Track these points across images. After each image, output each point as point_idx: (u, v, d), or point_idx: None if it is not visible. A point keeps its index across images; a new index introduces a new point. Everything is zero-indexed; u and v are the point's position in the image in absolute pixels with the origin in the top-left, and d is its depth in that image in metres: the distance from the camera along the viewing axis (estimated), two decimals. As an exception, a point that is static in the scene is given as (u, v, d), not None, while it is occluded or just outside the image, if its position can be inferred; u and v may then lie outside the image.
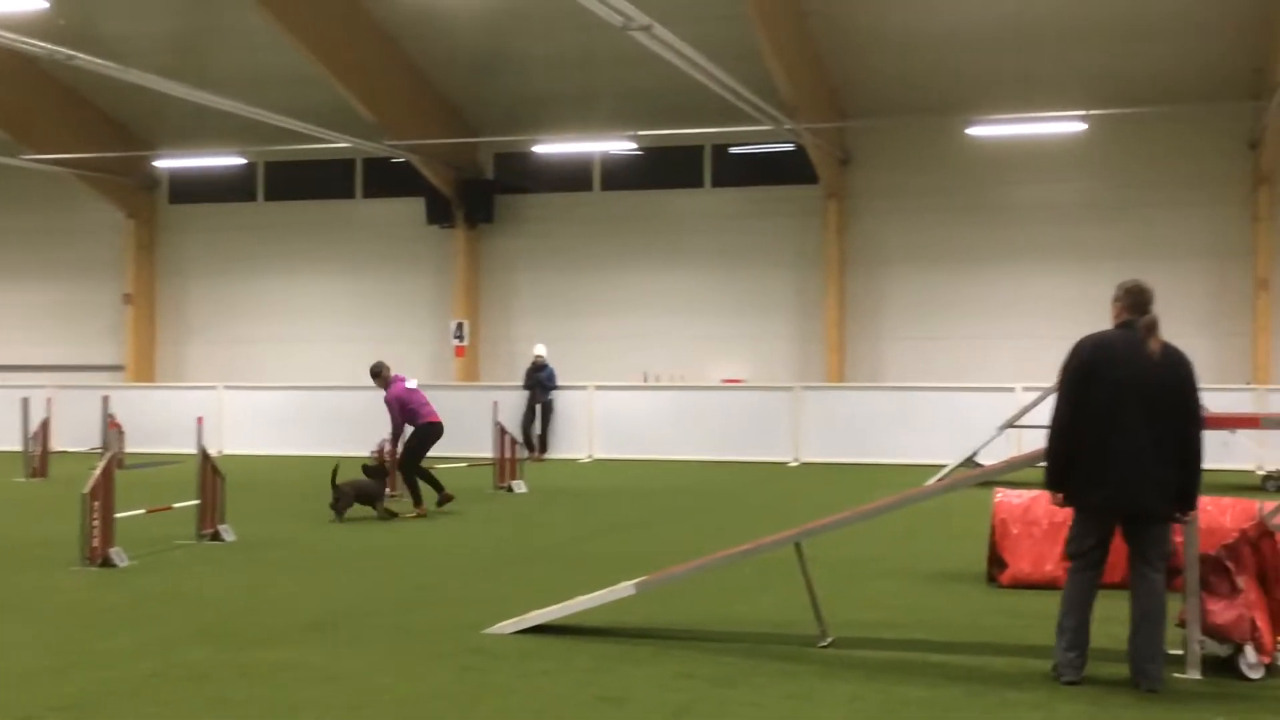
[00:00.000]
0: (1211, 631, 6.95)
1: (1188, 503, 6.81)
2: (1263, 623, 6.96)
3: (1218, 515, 9.08)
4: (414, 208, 30.17)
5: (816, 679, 6.94)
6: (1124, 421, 6.71)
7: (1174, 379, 6.76)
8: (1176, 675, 6.87)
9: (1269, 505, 7.67)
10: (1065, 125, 25.37)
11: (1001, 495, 9.93)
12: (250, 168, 31.47)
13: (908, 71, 26.02)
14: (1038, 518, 9.62)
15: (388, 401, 15.06)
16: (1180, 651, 7.02)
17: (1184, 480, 6.75)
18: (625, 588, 8.07)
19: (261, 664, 7.32)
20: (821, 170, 27.16)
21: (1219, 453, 17.00)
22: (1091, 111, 24.78)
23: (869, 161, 27.99)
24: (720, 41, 22.54)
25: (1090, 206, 26.72)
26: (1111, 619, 7.23)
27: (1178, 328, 26.73)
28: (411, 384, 15.45)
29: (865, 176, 28.04)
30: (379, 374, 15.35)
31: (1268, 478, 17.12)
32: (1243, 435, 17.37)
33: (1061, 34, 24.50)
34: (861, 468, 20.84)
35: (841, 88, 26.96)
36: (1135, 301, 6.94)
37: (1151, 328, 6.83)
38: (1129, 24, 23.96)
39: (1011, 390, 20.87)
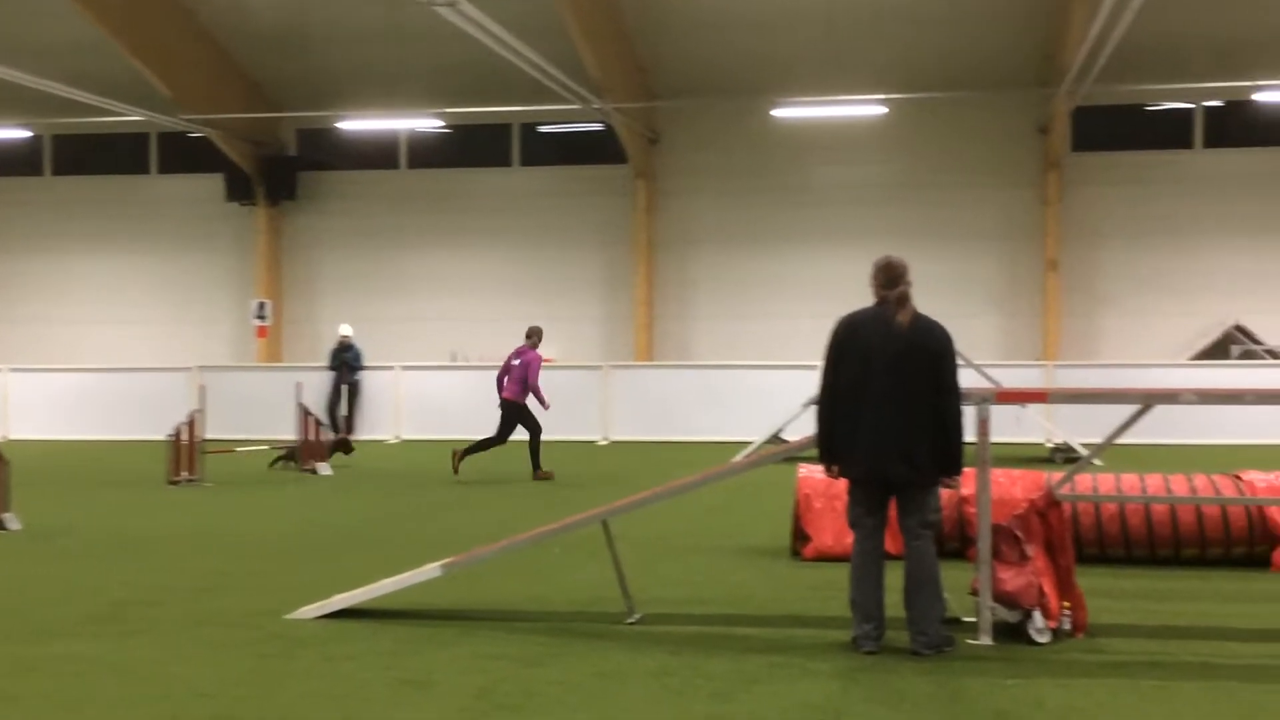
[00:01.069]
0: (1002, 598, 7.17)
1: (951, 469, 6.99)
2: (1050, 589, 7.22)
3: (1009, 486, 9.38)
4: (212, 184, 29.31)
5: (624, 655, 6.94)
6: (873, 394, 6.90)
7: (925, 351, 6.92)
8: (969, 641, 7.08)
9: (1056, 476, 7.95)
10: (867, 108, 25.96)
11: (805, 470, 10.08)
12: (37, 140, 30.15)
13: (715, 53, 26.29)
14: (840, 492, 9.73)
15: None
16: (974, 619, 7.23)
17: (945, 448, 6.92)
18: (431, 569, 7.95)
19: (45, 657, 7.00)
20: (630, 150, 27.27)
21: (1011, 426, 17.76)
22: (891, 95, 25.42)
23: (678, 142, 28.20)
24: (528, 19, 22.42)
25: (890, 188, 27.43)
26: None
27: (971, 306, 27.80)
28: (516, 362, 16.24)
29: (674, 157, 28.26)
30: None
31: (1056, 450, 17.80)
32: (1033, 409, 18.03)
33: (864, 19, 25.06)
34: (670, 445, 21.01)
35: (650, 68, 27.09)
36: (887, 277, 7.09)
37: (901, 301, 7.00)
38: (928, 11, 24.63)
39: (815, 368, 21.23)
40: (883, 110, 26.25)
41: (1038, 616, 7.13)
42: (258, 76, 28.38)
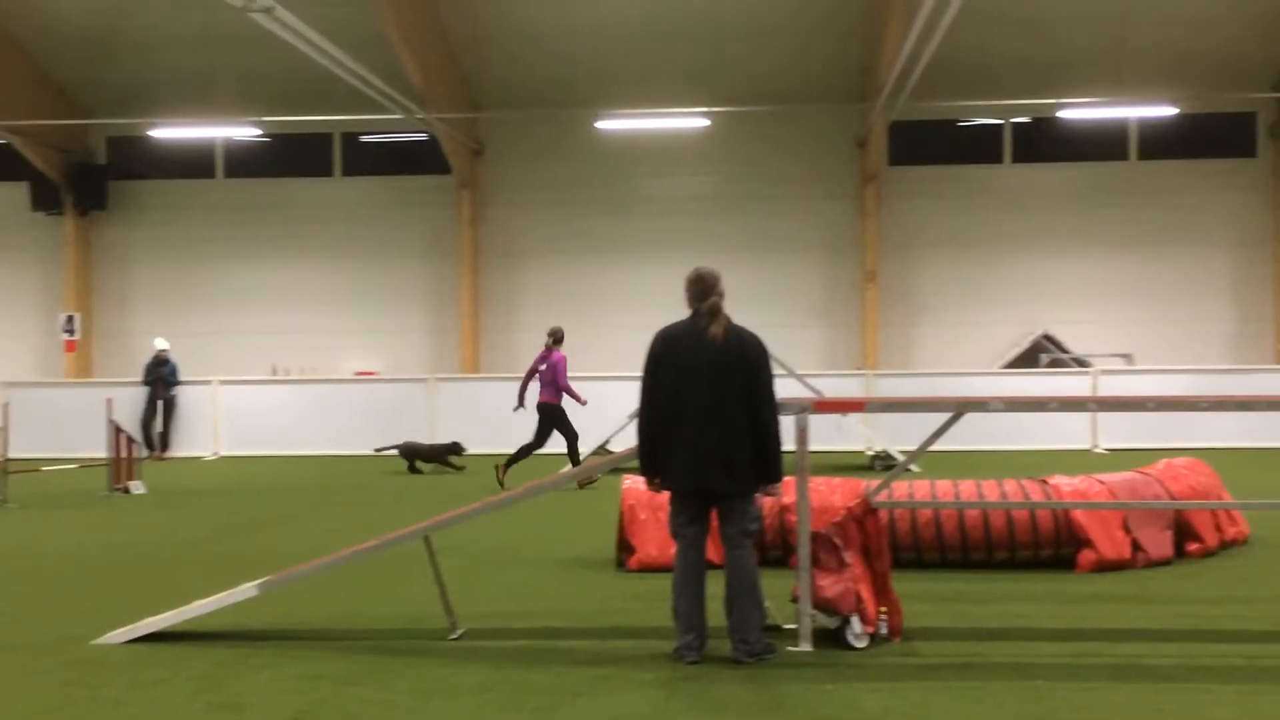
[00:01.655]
0: (821, 605, 7.28)
1: (770, 479, 7.07)
2: (867, 595, 7.36)
3: (828, 494, 9.54)
4: (17, 193, 28.22)
5: (445, 672, 6.85)
6: (690, 406, 6.95)
7: (739, 362, 6.98)
8: (790, 648, 7.17)
9: (874, 483, 8.10)
10: (689, 121, 26.23)
11: (630, 481, 10.11)
12: None
13: (539, 65, 26.30)
14: (664, 502, 9.79)
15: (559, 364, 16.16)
16: (794, 625, 7.33)
17: (763, 458, 7.00)
18: (247, 589, 7.75)
19: None
20: (454, 160, 27.09)
21: (832, 435, 18.12)
22: (714, 109, 25.73)
23: (503, 153, 28.12)
24: (348, 27, 22.12)
25: (714, 199, 27.76)
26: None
27: (794, 317, 28.19)
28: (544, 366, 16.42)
29: (499, 168, 28.16)
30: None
31: (876, 457, 18.19)
32: (853, 418, 18.40)
33: (687, 33, 25.33)
34: (499, 458, 20.84)
35: (473, 78, 26.96)
36: (699, 290, 7.16)
37: (713, 312, 7.05)
38: (750, 26, 25.02)
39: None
40: (705, 123, 26.56)
41: (855, 622, 7.26)
42: (65, 82, 27.41)
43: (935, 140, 27.74)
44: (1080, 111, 25.65)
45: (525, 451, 16.62)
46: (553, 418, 16.41)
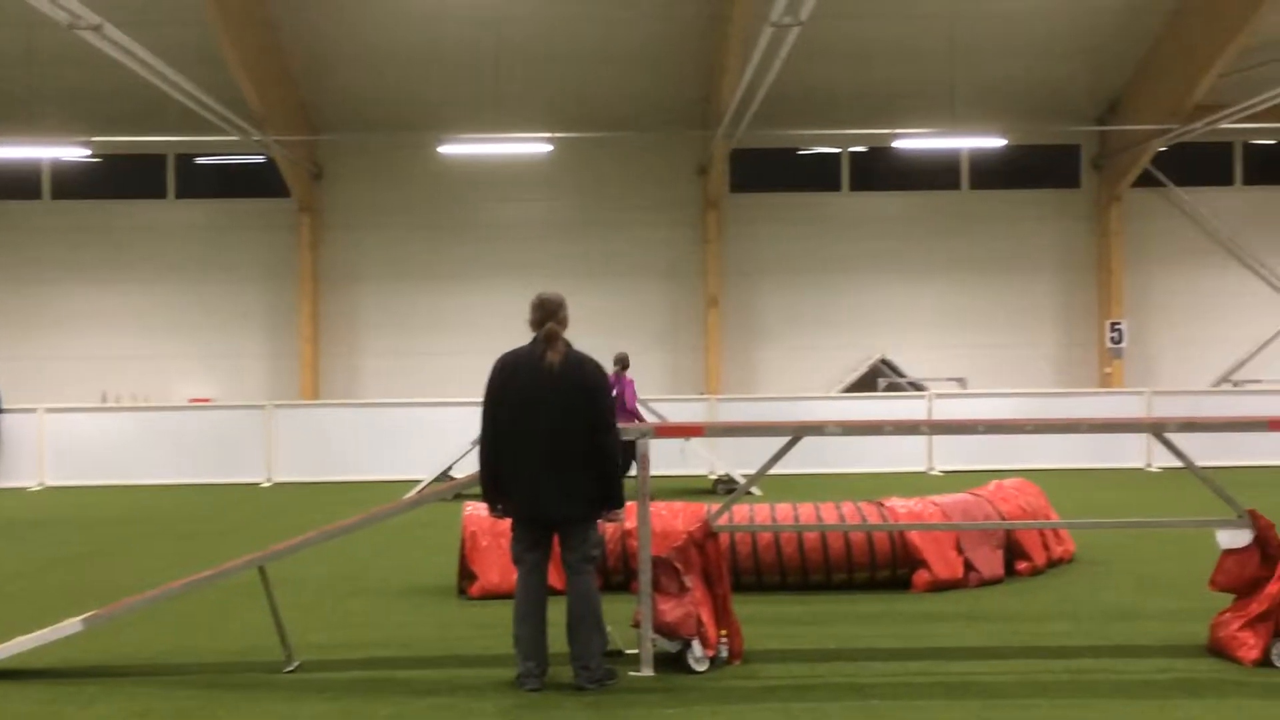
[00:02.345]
0: (662, 629, 7.31)
1: (610, 504, 7.08)
2: (707, 618, 7.41)
3: (670, 519, 9.59)
4: None
5: (280, 705, 6.70)
6: (530, 432, 6.95)
7: (577, 387, 7.00)
8: (631, 673, 7.18)
9: (716, 508, 8.17)
10: (533, 146, 26.25)
11: (471, 508, 10.03)
12: None
13: (380, 87, 26.07)
14: (506, 529, 9.76)
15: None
16: (636, 650, 7.34)
17: (603, 484, 7.02)
18: (72, 624, 7.47)
19: None
20: (293, 184, 26.67)
21: (675, 459, 18.24)
22: (557, 134, 25.79)
23: (343, 176, 27.77)
24: (183, 46, 21.66)
25: (557, 225, 27.80)
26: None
27: (639, 342, 28.22)
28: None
29: (339, 191, 27.80)
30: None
31: (719, 482, 18.34)
32: (696, 442, 18.54)
33: (529, 59, 25.35)
34: (338, 486, 20.52)
35: (312, 100, 26.60)
36: (538, 315, 7.17)
37: (549, 339, 7.07)
38: (593, 52, 25.15)
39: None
40: (548, 148, 26.61)
41: (696, 646, 7.30)
42: (-119, 97, 26.32)
43: (775, 168, 28.20)
44: (914, 142, 26.31)
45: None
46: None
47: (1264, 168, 28.44)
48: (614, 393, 16.28)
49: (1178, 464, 7.82)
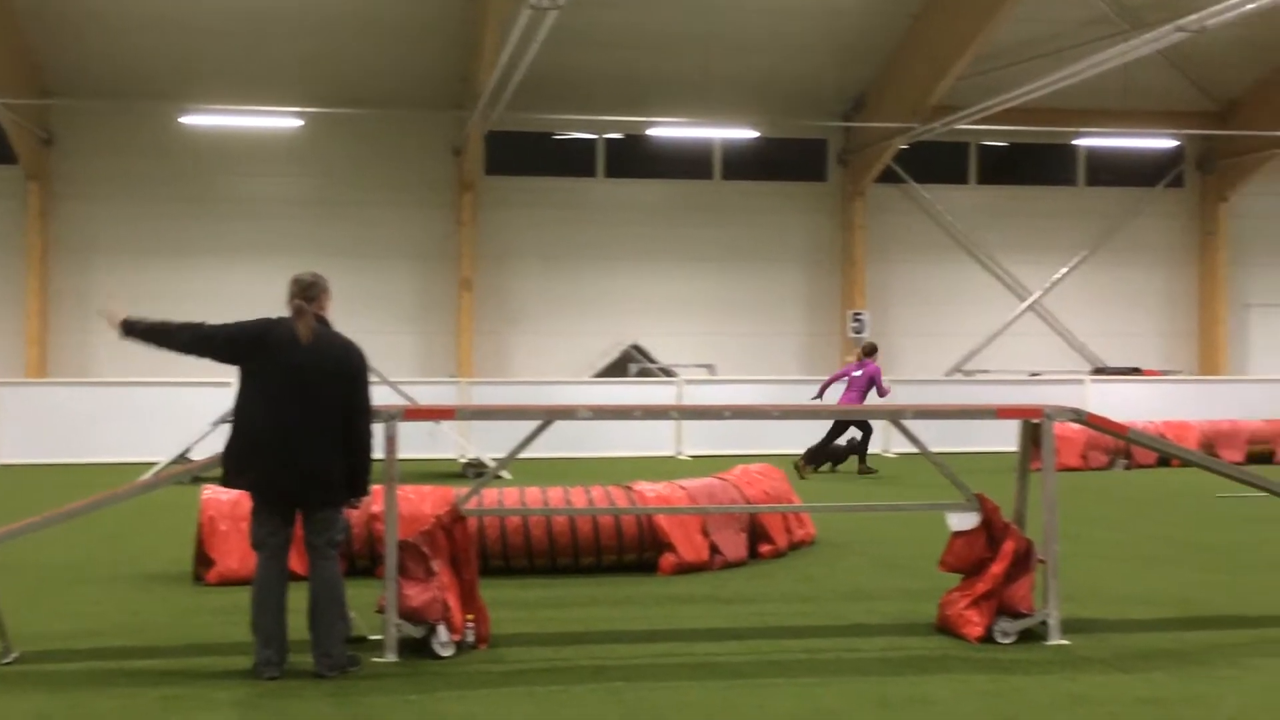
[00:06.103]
0: (407, 614, 7.19)
1: (358, 489, 6.96)
2: (454, 603, 7.32)
3: (418, 503, 9.47)
4: None
5: (-3, 701, 6.33)
6: (280, 412, 6.76)
7: (332, 369, 6.84)
8: (375, 660, 7.04)
9: (465, 491, 8.09)
10: (282, 120, 25.54)
11: (210, 491, 9.70)
12: None
13: (120, 52, 24.94)
14: (246, 514, 9.46)
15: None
16: (380, 636, 7.20)
17: (352, 468, 6.89)
18: None
19: None
20: (21, 150, 25.30)
21: (426, 443, 18.03)
22: (308, 109, 25.16)
23: (77, 144, 26.44)
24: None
25: (308, 203, 27.14)
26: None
27: (390, 324, 27.85)
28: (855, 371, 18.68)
29: (72, 160, 26.47)
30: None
31: (469, 465, 18.23)
32: (447, 425, 18.38)
33: (280, 29, 24.66)
34: (70, 468, 19.56)
35: (44, 63, 25.25)
36: (291, 292, 6.98)
37: (297, 315, 6.88)
38: (347, 26, 24.61)
39: (226, 385, 20.54)
40: (299, 123, 25.92)
41: (442, 631, 7.22)
42: None
43: (532, 152, 28.14)
44: (668, 130, 26.69)
45: (853, 449, 18.82)
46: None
47: (996, 168, 29.88)
48: (857, 373, 18.56)
49: (915, 449, 8.12)
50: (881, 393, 18.51)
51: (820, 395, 18.72)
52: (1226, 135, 28.45)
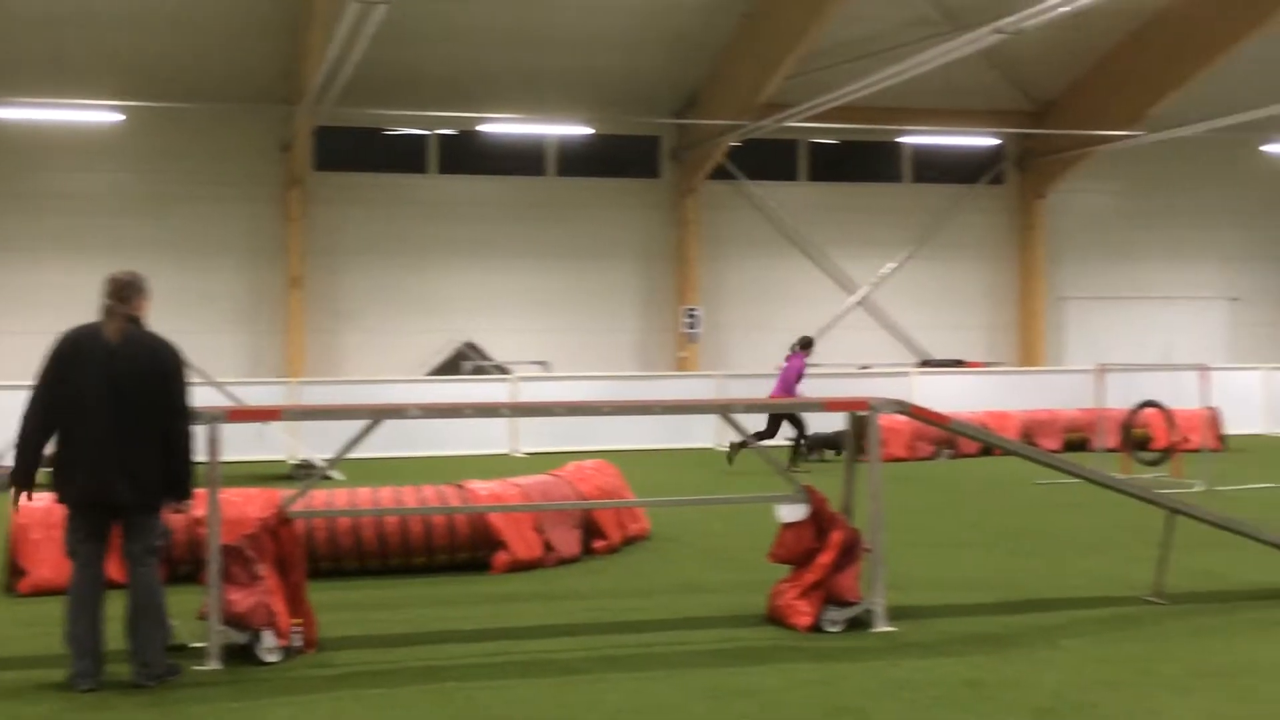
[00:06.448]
0: (232, 620, 7.02)
1: (179, 493, 6.78)
2: (280, 607, 7.16)
3: (244, 506, 9.25)
4: None
5: None
6: (89, 413, 6.56)
7: (146, 370, 6.66)
8: (197, 668, 6.85)
9: (292, 493, 7.92)
10: (99, 114, 24.72)
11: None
12: None
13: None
14: (60, 521, 9.13)
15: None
16: (203, 644, 7.01)
17: (172, 471, 6.71)
18: None
19: None
20: None
21: (254, 444, 17.62)
22: (130, 103, 24.40)
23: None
24: None
25: (132, 199, 26.34)
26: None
27: (215, 323, 27.11)
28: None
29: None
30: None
31: (298, 466, 17.86)
32: (276, 426, 17.99)
33: (101, 19, 23.80)
34: None
35: None
36: (104, 291, 6.79)
37: (108, 316, 6.70)
38: (167, 18, 23.88)
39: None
40: (119, 117, 25.10)
41: (268, 636, 7.05)
42: None
43: (362, 147, 27.71)
44: (501, 127, 26.55)
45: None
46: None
47: (826, 165, 30.40)
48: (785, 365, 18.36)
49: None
50: (790, 389, 18.24)
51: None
52: (1043, 134, 29.41)
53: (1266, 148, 29.37)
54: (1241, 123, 25.34)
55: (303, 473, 17.46)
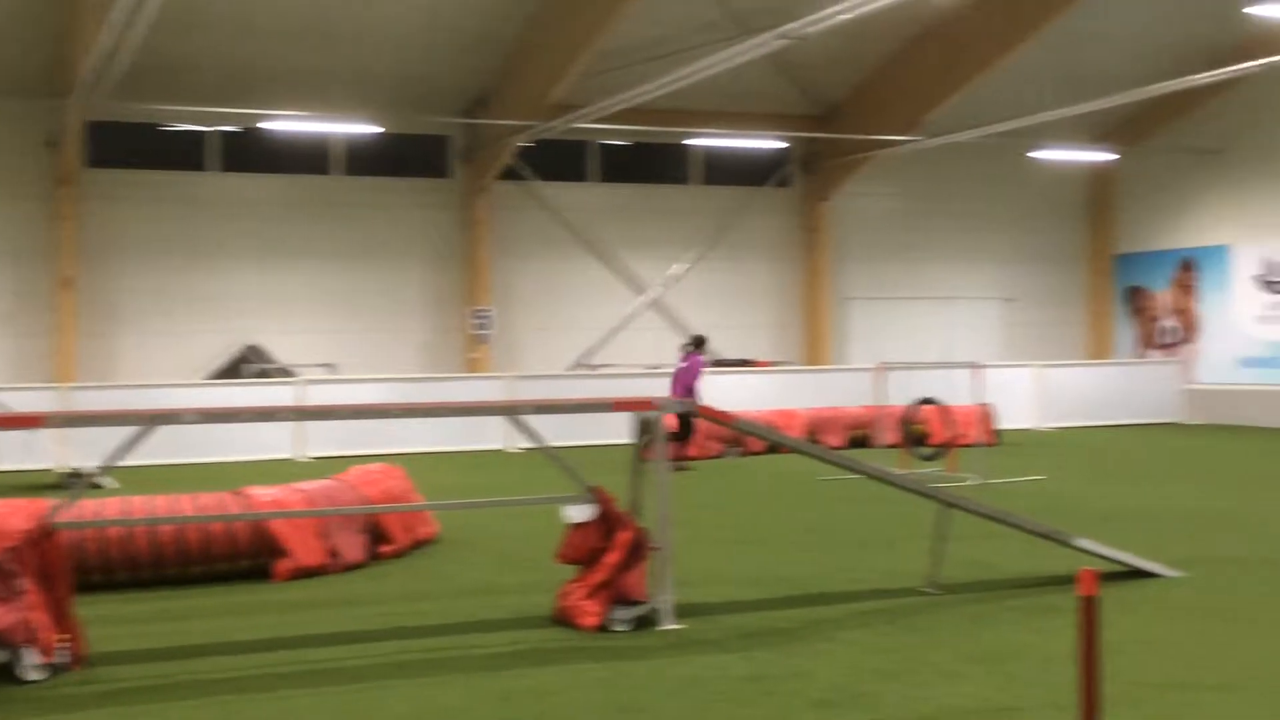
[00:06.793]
0: (-8, 638, 6.67)
1: None
2: (44, 623, 6.83)
3: (9, 517, 8.82)
4: None
5: None
6: None
7: None
8: (-49, 691, 6.50)
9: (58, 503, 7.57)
10: None
11: None
12: None
13: None
14: None
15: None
16: (-43, 666, 6.65)
17: None
18: None
19: None
20: None
21: (20, 453, 16.85)
22: None
23: None
24: None
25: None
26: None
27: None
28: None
29: None
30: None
31: (68, 475, 17.12)
32: (44, 434, 17.22)
33: None
34: None
35: None
36: None
37: None
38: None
39: None
40: None
41: (29, 653, 6.72)
42: None
43: (138, 144, 26.66)
44: (285, 124, 25.90)
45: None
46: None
47: (617, 166, 30.55)
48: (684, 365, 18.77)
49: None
50: (690, 389, 18.52)
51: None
52: (827, 138, 30.14)
53: (1034, 154, 30.66)
54: (1011, 130, 26.47)
55: (72, 482, 16.75)
